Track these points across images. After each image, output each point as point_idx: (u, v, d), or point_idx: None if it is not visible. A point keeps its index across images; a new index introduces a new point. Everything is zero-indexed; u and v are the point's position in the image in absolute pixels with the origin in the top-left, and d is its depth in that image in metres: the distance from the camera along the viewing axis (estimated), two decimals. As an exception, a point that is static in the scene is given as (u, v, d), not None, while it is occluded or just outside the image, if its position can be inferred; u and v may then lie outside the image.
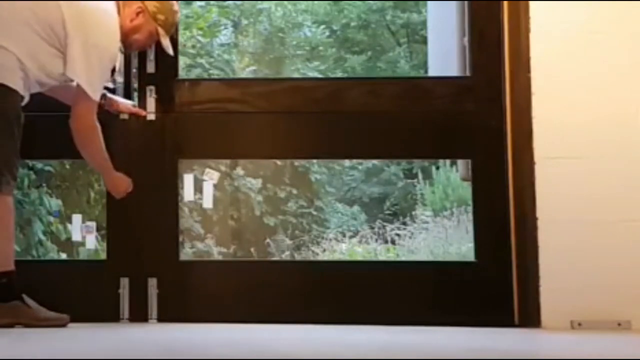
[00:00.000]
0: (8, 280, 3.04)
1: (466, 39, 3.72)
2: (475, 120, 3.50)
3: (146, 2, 3.27)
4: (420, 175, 8.48)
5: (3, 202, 3.05)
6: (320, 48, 10.77)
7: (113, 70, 3.24)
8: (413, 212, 8.29)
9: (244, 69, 9.36)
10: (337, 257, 7.62)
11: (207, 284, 3.51)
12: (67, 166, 6.82)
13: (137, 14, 3.24)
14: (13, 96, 3.05)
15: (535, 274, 3.33)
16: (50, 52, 3.09)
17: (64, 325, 3.12)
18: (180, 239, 3.61)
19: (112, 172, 3.30)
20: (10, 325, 2.99)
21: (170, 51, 3.34)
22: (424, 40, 8.78)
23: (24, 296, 3.07)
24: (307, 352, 2.45)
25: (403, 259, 7.15)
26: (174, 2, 3.34)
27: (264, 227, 8.46)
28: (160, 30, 3.28)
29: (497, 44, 3.49)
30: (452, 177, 7.95)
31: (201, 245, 7.87)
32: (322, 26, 10.73)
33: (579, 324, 3.29)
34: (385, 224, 7.97)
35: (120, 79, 3.40)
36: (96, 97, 3.14)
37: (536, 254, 3.34)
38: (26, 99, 3.11)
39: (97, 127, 3.17)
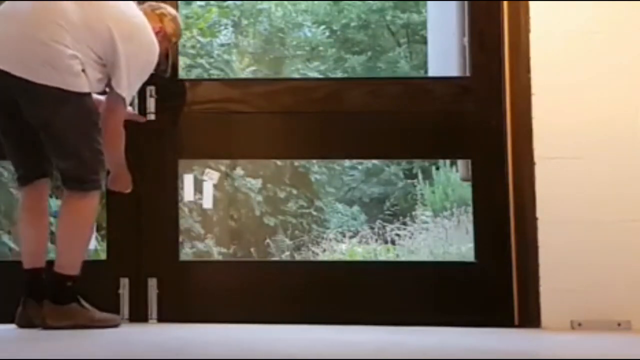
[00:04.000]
0: (73, 284, 3.06)
1: (466, 39, 3.72)
2: (475, 120, 3.50)
3: (165, 23, 3.30)
4: (420, 176, 8.48)
5: (94, 202, 3.10)
6: (320, 48, 10.76)
7: None
8: (413, 213, 8.28)
9: (244, 69, 9.35)
10: (337, 257, 7.61)
11: (207, 284, 3.51)
12: (67, 166, 6.80)
13: (156, 33, 3.26)
14: (90, 98, 3.09)
15: (535, 274, 3.33)
16: (95, 62, 3.10)
17: (116, 326, 3.15)
18: (180, 239, 3.62)
19: (125, 169, 3.28)
20: (71, 328, 2.99)
21: (168, 74, 3.38)
22: (424, 40, 8.77)
23: (79, 297, 3.09)
24: (307, 352, 2.45)
25: (403, 259, 7.15)
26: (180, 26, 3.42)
27: (264, 227, 8.44)
28: (169, 52, 3.35)
29: (497, 44, 3.49)
30: (452, 177, 7.94)
31: (201, 245, 7.85)
32: (322, 26, 10.72)
33: (579, 324, 3.29)
34: (385, 224, 7.97)
35: None
36: (129, 103, 3.20)
37: (536, 254, 3.34)
38: None
39: (122, 127, 3.20)
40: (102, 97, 3.26)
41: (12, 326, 3.11)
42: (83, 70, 3.04)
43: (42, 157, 3.13)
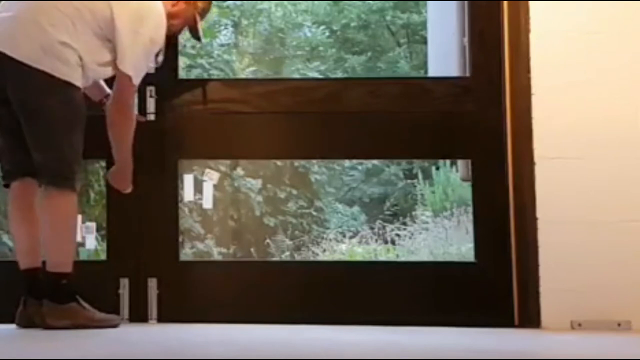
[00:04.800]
0: (67, 281, 3.05)
1: (466, 39, 3.72)
2: (475, 120, 3.50)
3: None
4: (420, 176, 8.47)
5: (72, 200, 3.07)
6: (320, 48, 10.76)
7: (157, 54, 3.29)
8: (413, 213, 8.28)
9: (244, 70, 9.35)
10: (337, 257, 7.61)
11: (207, 284, 3.51)
12: (67, 166, 6.80)
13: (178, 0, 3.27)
14: (79, 93, 3.09)
15: (535, 274, 3.34)
16: (102, 45, 3.11)
17: (116, 326, 3.14)
18: (180, 239, 3.62)
19: (130, 166, 3.27)
20: (70, 327, 2.98)
21: (203, 39, 3.48)
22: (424, 41, 8.76)
23: (78, 297, 3.08)
24: (306, 352, 2.45)
25: (403, 259, 7.15)
26: None
27: (264, 227, 8.44)
28: (197, 18, 3.34)
29: (497, 44, 3.49)
30: (452, 177, 7.94)
31: (201, 245, 7.85)
32: (322, 26, 10.71)
33: (579, 324, 3.29)
34: (385, 224, 7.96)
35: (161, 57, 3.33)
36: (138, 82, 3.17)
37: (536, 254, 3.34)
38: None
39: (134, 111, 3.21)
40: (106, 87, 3.27)
41: (12, 326, 3.11)
42: (82, 66, 3.05)
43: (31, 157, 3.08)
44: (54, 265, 3.04)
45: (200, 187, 3.71)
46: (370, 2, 10.70)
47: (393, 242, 7.68)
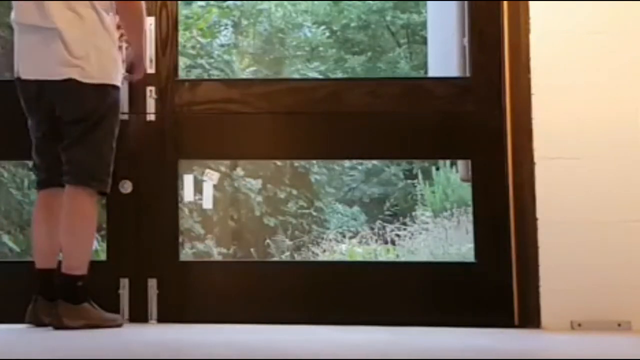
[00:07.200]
0: (83, 283, 3.07)
1: (466, 39, 3.72)
2: (475, 121, 3.50)
3: None
4: (420, 176, 8.47)
5: (95, 204, 3.13)
6: (320, 48, 10.76)
7: None
8: (413, 213, 8.28)
9: (244, 70, 9.35)
10: (337, 257, 7.61)
11: (207, 284, 3.51)
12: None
13: None
14: (119, 92, 3.20)
15: (535, 274, 3.33)
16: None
17: (120, 326, 3.16)
18: (180, 239, 3.62)
19: (143, 57, 3.32)
20: (85, 327, 3.00)
21: None
22: (424, 41, 8.77)
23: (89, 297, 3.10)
24: (307, 353, 2.45)
25: (403, 259, 7.15)
26: None
27: (264, 227, 8.44)
28: None
29: (497, 44, 3.49)
30: (452, 177, 7.94)
31: (201, 245, 7.85)
32: (322, 27, 10.71)
33: (579, 324, 3.29)
34: (385, 224, 7.96)
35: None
36: None
37: (536, 254, 3.34)
38: None
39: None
40: None
41: (12, 326, 3.12)
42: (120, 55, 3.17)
43: None
44: (71, 267, 3.06)
45: (200, 187, 3.72)
46: (370, 2, 10.70)
47: (393, 243, 7.68)
